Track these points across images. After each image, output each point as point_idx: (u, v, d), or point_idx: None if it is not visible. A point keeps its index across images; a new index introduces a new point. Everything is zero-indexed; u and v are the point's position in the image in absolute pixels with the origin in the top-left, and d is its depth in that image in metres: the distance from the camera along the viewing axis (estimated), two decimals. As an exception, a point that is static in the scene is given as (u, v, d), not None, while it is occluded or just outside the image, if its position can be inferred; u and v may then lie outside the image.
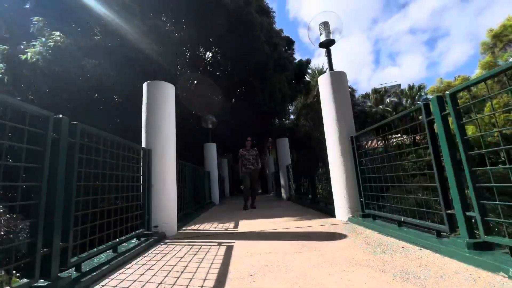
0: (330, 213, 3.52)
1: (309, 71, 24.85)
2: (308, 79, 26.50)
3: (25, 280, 1.24)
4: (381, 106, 32.08)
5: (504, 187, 1.38)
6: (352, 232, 2.49)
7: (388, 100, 32.52)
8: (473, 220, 1.53)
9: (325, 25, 3.78)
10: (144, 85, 3.36)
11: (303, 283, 1.36)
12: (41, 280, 1.32)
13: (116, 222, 2.20)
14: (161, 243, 2.60)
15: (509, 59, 17.58)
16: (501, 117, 16.24)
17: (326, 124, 3.49)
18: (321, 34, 3.77)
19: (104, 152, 2.07)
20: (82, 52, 6.80)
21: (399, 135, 2.45)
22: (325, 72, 18.87)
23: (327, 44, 3.77)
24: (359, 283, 1.30)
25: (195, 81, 9.66)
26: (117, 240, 2.17)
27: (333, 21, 3.76)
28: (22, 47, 6.40)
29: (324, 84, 3.50)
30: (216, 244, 2.41)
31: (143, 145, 3.15)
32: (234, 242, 2.41)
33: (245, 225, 3.40)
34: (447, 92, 1.65)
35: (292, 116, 20.85)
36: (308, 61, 17.52)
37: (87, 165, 1.81)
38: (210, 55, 10.28)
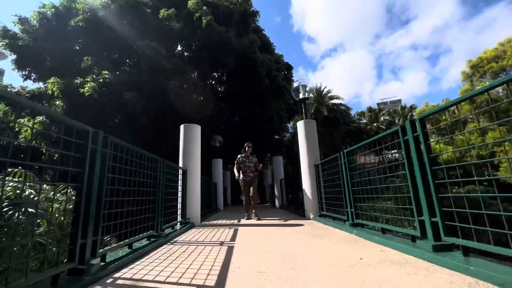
0: (303, 215, 5.21)
1: (310, 82, 26.72)
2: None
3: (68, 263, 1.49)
4: (375, 124, 33.88)
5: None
6: (308, 223, 4.19)
7: (382, 118, 34.39)
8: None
9: (303, 87, 5.61)
10: (182, 126, 5.14)
11: (272, 241, 3.06)
12: (79, 265, 1.58)
13: (165, 214, 3.89)
14: (193, 228, 4.30)
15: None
16: (478, 139, 17.93)
17: (301, 155, 5.23)
18: (299, 92, 5.59)
19: (154, 170, 3.81)
20: (121, 85, 8.68)
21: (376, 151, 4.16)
22: (322, 91, 20.84)
23: (304, 99, 5.58)
24: (294, 239, 3.00)
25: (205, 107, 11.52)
26: (168, 224, 3.88)
27: (309, 85, 5.58)
28: (77, 81, 8.26)
29: (300, 128, 5.27)
30: (228, 228, 4.11)
31: (180, 165, 4.89)
32: (238, 228, 4.10)
33: (245, 221, 5.08)
34: (417, 117, 2.02)
35: (290, 130, 22.54)
36: (304, 86, 19.39)
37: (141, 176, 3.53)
38: (221, 89, 12.17)
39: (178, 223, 4.23)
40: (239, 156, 5.56)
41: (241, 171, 5.45)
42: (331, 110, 28.95)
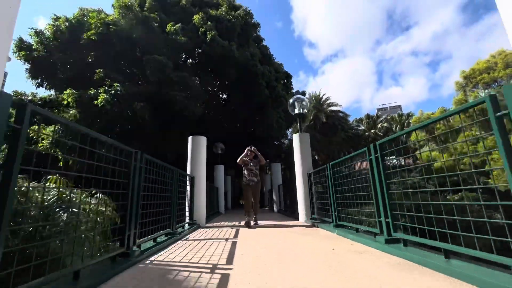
0: (298, 218, 5.80)
1: (306, 99, 27.49)
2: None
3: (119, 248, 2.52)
4: (373, 131, 34.54)
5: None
6: (300, 225, 4.79)
7: (380, 125, 35.08)
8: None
9: (299, 102, 6.26)
10: (190, 138, 5.78)
11: (268, 238, 3.67)
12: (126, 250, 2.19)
13: (177, 216, 4.49)
14: (200, 228, 4.90)
15: (479, 96, 20.18)
16: (470, 148, 18.54)
17: (296, 165, 5.85)
18: (295, 108, 6.24)
19: (167, 178, 4.43)
20: (131, 96, 9.33)
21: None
22: (321, 98, 21.57)
23: (299, 114, 6.22)
24: (286, 237, 3.60)
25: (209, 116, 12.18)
26: (179, 224, 4.48)
27: (304, 101, 6.24)
28: (91, 92, 8.90)
29: (295, 141, 5.90)
30: (230, 228, 4.71)
31: (188, 172, 5.51)
32: (239, 229, 4.70)
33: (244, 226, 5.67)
34: (378, 142, 2.65)
35: (289, 137, 23.20)
36: (303, 93, 20.20)
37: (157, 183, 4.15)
38: (224, 97, 12.85)
39: (186, 224, 4.83)
40: (243, 158, 5.42)
41: (244, 172, 5.34)
42: (330, 117, 29.63)
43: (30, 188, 1.65)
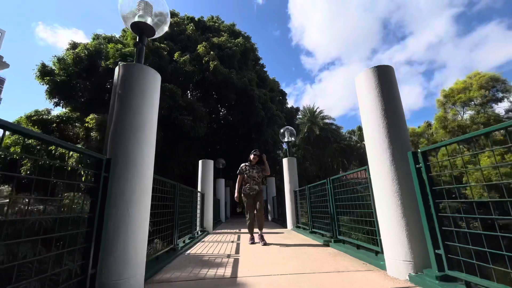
0: (286, 226, 7.22)
1: (300, 113, 29.25)
2: (299, 115, 30.99)
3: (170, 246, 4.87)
4: (364, 142, 36.14)
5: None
6: (286, 231, 6.21)
7: (370, 137, 36.71)
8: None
9: (288, 132, 7.76)
10: (200, 162, 7.21)
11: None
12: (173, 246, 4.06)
13: (194, 225, 5.88)
14: (209, 234, 6.29)
15: (457, 113, 22.03)
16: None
17: (285, 183, 7.29)
18: (285, 137, 7.74)
19: (187, 196, 5.85)
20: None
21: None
22: (315, 111, 23.37)
23: (288, 142, 7.72)
24: (274, 239, 5.03)
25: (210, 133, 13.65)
26: (196, 230, 5.88)
27: (290, 131, 7.74)
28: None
29: (284, 164, 7.37)
30: (233, 234, 6.11)
31: (199, 189, 6.92)
32: (240, 234, 6.10)
33: (244, 230, 7.08)
34: (332, 178, 4.97)
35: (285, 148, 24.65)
36: (297, 109, 21.85)
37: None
38: (224, 116, 14.38)
39: (199, 231, 6.23)
40: (242, 165, 4.67)
41: (243, 184, 4.60)
42: (323, 129, 31.30)
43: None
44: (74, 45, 14.02)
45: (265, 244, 4.23)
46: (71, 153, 3.08)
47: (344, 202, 3.72)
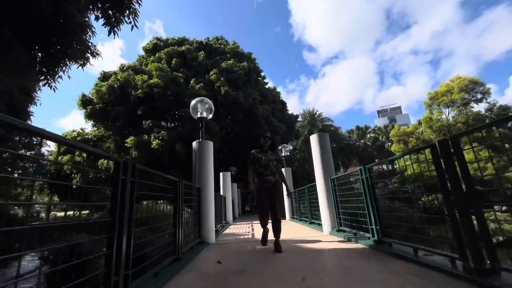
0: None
1: (300, 116, 31.78)
2: (300, 119, 33.67)
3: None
4: (362, 141, 38.53)
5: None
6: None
7: (368, 135, 39.08)
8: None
9: (284, 148, 10.33)
10: (221, 174, 9.85)
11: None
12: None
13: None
14: (231, 225, 8.92)
15: (442, 113, 24.21)
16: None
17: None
18: (282, 152, 10.31)
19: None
20: (171, 139, 13.48)
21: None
22: (315, 114, 26.45)
23: (284, 156, 10.31)
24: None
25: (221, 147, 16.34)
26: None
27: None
28: (145, 138, 13.07)
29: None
30: (249, 225, 8.74)
31: (221, 193, 9.56)
32: (257, 223, 8.71)
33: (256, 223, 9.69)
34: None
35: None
36: (296, 116, 24.43)
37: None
38: (233, 131, 17.07)
39: (224, 223, 8.86)
40: (252, 151, 3.87)
41: (256, 174, 3.75)
42: (323, 131, 33.69)
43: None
44: (104, 75, 16.87)
45: (278, 247, 3.50)
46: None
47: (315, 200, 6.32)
